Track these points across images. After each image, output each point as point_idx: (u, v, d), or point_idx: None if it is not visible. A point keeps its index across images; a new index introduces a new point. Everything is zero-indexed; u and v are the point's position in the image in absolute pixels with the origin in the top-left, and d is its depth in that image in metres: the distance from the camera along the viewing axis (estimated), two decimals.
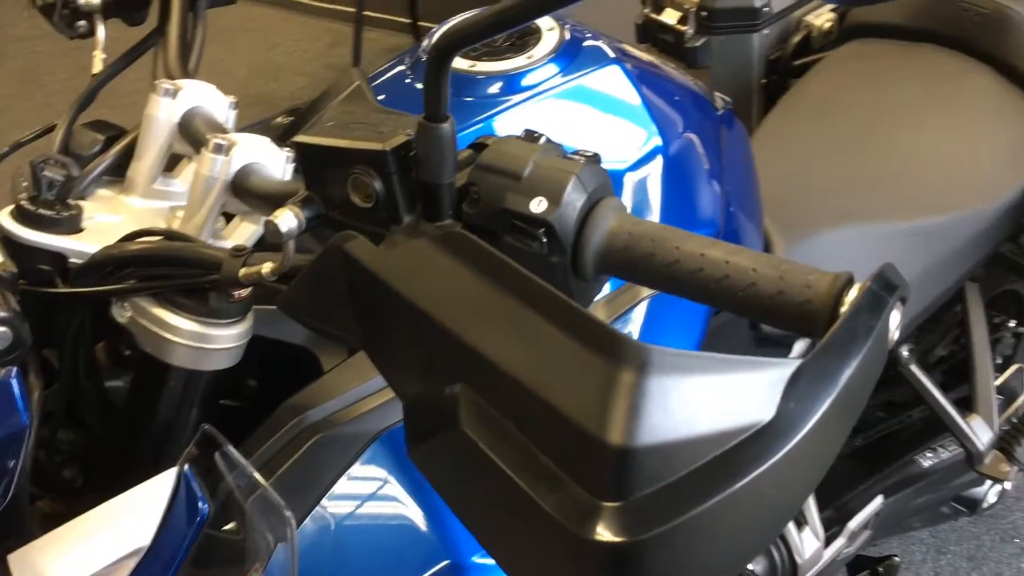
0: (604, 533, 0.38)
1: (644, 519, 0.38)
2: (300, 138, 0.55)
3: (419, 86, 0.82)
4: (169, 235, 0.64)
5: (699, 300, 0.49)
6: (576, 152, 0.52)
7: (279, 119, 0.84)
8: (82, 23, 0.82)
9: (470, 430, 0.42)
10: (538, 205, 0.49)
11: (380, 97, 0.72)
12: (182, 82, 0.72)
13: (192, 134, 0.71)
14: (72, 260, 0.65)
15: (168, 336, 0.62)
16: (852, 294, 0.44)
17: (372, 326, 0.50)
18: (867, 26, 1.34)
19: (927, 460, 1.38)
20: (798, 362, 0.41)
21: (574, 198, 0.49)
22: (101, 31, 0.81)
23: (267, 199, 0.63)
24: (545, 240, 0.49)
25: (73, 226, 0.65)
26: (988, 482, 1.47)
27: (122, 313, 0.64)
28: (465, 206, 0.52)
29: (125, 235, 0.64)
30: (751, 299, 0.46)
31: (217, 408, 0.70)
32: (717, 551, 0.40)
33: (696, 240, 0.49)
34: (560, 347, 0.41)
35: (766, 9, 1.40)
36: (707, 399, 0.39)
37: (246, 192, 0.65)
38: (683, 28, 1.42)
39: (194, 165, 0.70)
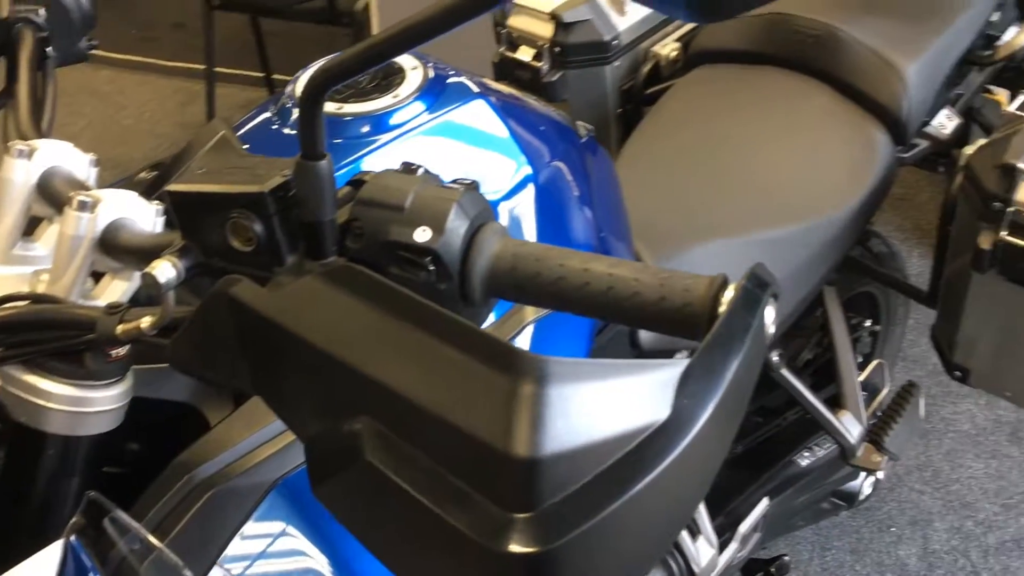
0: (517, 545, 0.39)
1: (555, 527, 0.39)
2: (173, 187, 0.54)
3: (286, 131, 0.82)
4: (36, 298, 0.61)
5: (586, 314, 0.50)
6: (455, 181, 0.53)
7: (142, 174, 0.82)
8: None
9: (376, 460, 0.42)
10: (422, 234, 0.50)
11: (246, 146, 0.71)
12: (37, 142, 0.70)
13: (52, 195, 0.68)
14: None
15: (42, 403, 0.59)
16: (728, 294, 0.47)
17: (264, 369, 0.49)
18: (710, 52, 1.41)
19: (805, 460, 1.44)
20: (686, 362, 0.43)
21: (457, 225, 0.50)
22: None
23: (140, 253, 0.61)
24: (432, 268, 0.50)
25: None
26: (863, 475, 1.55)
27: None
28: (348, 242, 0.52)
29: None
30: (636, 308, 0.48)
31: (100, 475, 0.68)
32: (626, 550, 0.42)
33: (579, 256, 0.51)
34: (459, 367, 0.41)
35: (615, 42, 1.46)
36: (605, 404, 0.40)
37: (117, 248, 0.63)
38: (538, 64, 1.46)
39: (56, 226, 0.67)
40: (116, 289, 0.67)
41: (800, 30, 1.33)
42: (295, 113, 0.82)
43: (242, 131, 0.84)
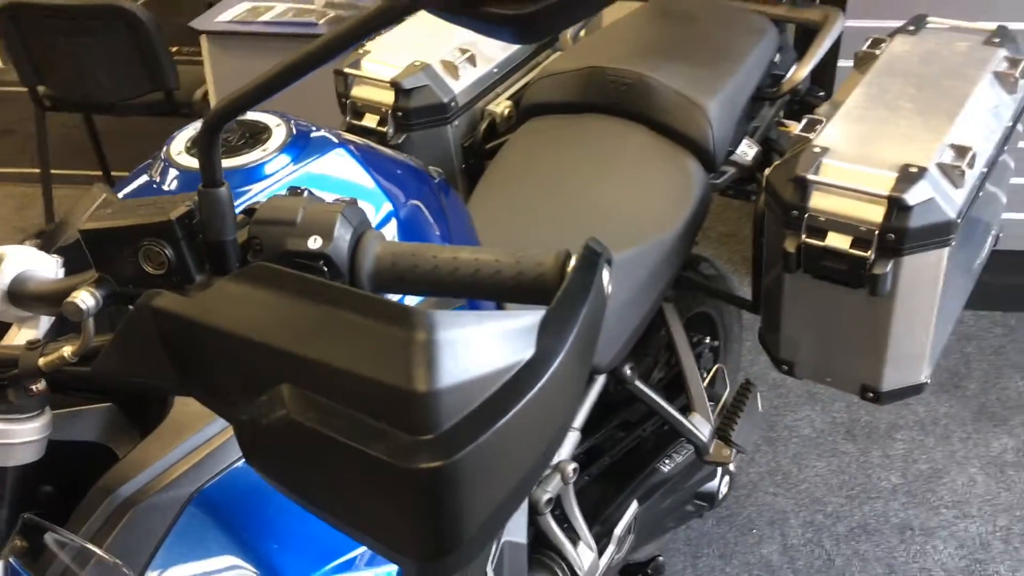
0: (427, 462, 0.48)
1: (455, 444, 0.48)
2: (86, 226, 0.61)
3: (165, 188, 0.90)
4: None
5: (459, 294, 0.60)
6: (336, 199, 0.62)
7: (28, 241, 0.88)
8: None
9: (300, 417, 0.51)
10: (314, 242, 0.59)
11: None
12: None
13: None
14: None
15: None
16: (572, 263, 0.58)
17: (190, 367, 0.57)
18: (538, 106, 1.56)
19: (666, 465, 1.57)
20: (543, 311, 0.53)
21: (343, 232, 0.60)
22: None
23: (50, 298, 0.67)
24: (326, 270, 0.59)
25: None
26: (719, 477, 1.69)
27: None
28: (249, 257, 0.61)
29: None
30: (498, 284, 0.59)
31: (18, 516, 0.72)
32: (513, 462, 0.51)
33: (447, 249, 0.61)
34: (360, 328, 0.51)
35: (453, 104, 1.59)
36: (483, 345, 0.50)
37: (26, 297, 0.69)
38: (384, 129, 1.58)
39: None
40: (24, 336, 0.72)
41: (614, 80, 1.50)
42: (171, 172, 0.90)
43: (122, 192, 0.91)
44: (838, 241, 1.26)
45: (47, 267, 0.72)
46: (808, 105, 1.70)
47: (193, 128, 0.97)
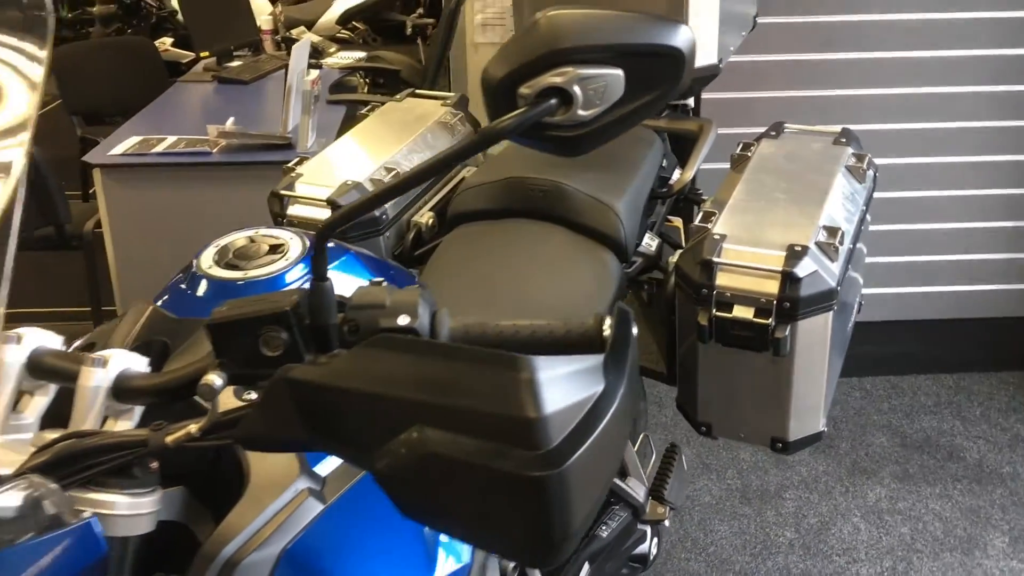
0: (545, 469, 0.63)
1: (562, 455, 0.63)
2: (215, 320, 0.74)
3: (198, 295, 1.02)
4: (78, 435, 0.77)
5: (520, 351, 0.76)
6: (407, 287, 0.78)
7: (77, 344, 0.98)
8: None
9: (435, 448, 0.64)
10: (403, 320, 0.74)
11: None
12: (22, 329, 0.85)
13: (44, 368, 0.83)
14: None
15: (105, 512, 0.74)
16: (607, 321, 0.75)
17: (323, 424, 0.69)
18: (464, 214, 1.74)
19: (604, 531, 1.73)
20: (602, 356, 0.70)
21: (423, 310, 0.75)
22: None
23: (159, 392, 0.79)
24: None
25: None
26: (649, 539, 1.85)
27: None
28: (347, 337, 0.75)
29: (33, 454, 0.76)
30: (554, 340, 0.75)
31: None
32: (598, 471, 0.67)
33: (505, 320, 0.77)
34: (478, 374, 0.65)
35: (384, 217, 1.76)
36: (570, 381, 0.66)
37: (132, 392, 0.80)
38: None
39: (38, 397, 0.83)
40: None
41: (532, 187, 1.70)
42: (203, 282, 1.02)
43: (162, 300, 1.02)
44: (743, 312, 1.48)
45: (140, 364, 0.83)
46: (691, 201, 1.96)
47: (215, 246, 1.09)
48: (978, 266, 3.01)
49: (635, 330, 0.76)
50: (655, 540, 1.85)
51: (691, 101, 2.03)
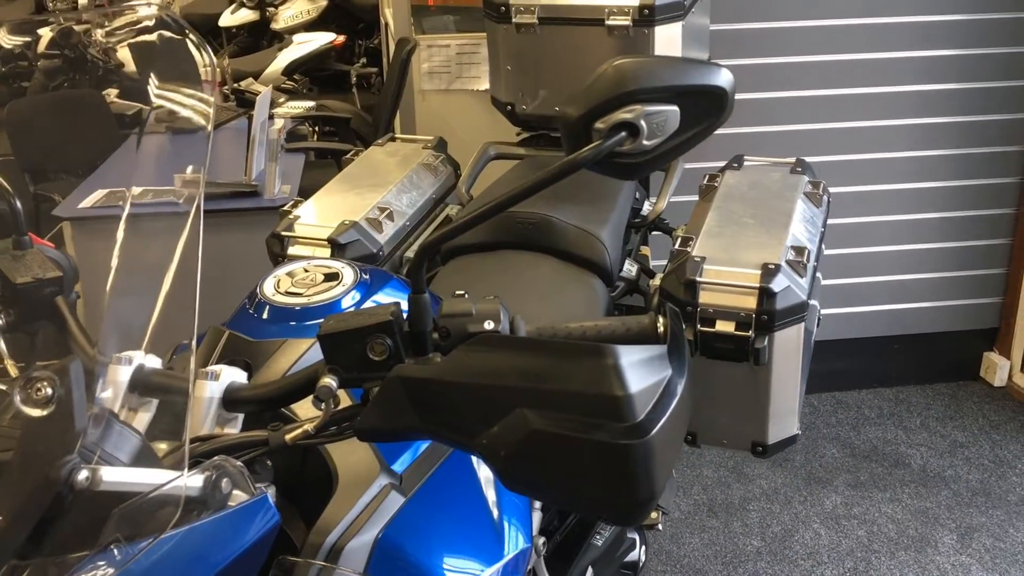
0: (635, 438, 0.75)
1: (648, 426, 0.76)
2: (326, 331, 0.85)
3: (263, 318, 1.12)
4: (204, 438, 0.86)
5: None
6: (490, 296, 0.90)
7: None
8: None
9: (539, 426, 0.76)
10: (488, 325, 0.86)
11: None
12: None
13: (151, 385, 0.93)
14: None
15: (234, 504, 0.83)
16: (660, 319, 0.88)
17: (433, 414, 0.81)
18: (457, 248, 1.86)
19: (598, 539, 1.84)
20: (665, 347, 0.83)
21: (504, 316, 0.87)
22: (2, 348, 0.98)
23: (267, 400, 0.89)
24: None
25: None
26: (638, 548, 1.97)
27: None
28: (440, 341, 0.86)
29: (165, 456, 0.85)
30: (617, 336, 0.88)
31: None
32: (673, 442, 0.79)
33: (573, 322, 0.90)
34: (570, 362, 0.77)
35: (380, 253, 1.87)
36: (644, 367, 0.79)
37: (242, 401, 0.90)
38: None
39: (142, 413, 0.93)
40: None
41: (521, 221, 1.83)
42: (266, 307, 1.13)
43: (232, 322, 1.12)
44: (725, 326, 1.63)
45: (241, 378, 0.94)
46: (659, 230, 2.12)
47: (274, 276, 1.20)
48: (909, 286, 3.23)
49: (684, 325, 0.89)
50: (643, 548, 1.97)
51: None
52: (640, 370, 0.78)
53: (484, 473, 1.09)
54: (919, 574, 2.49)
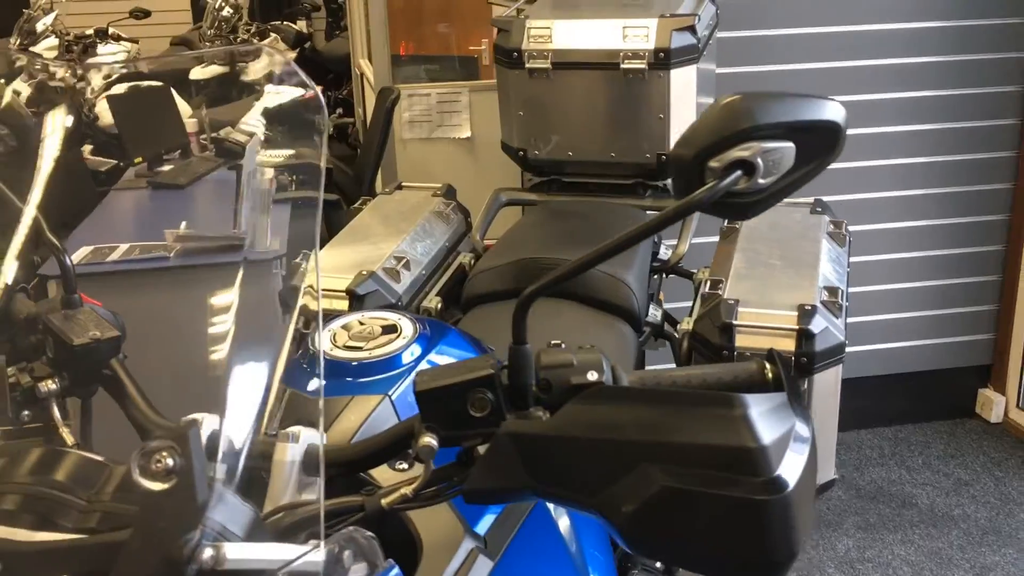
0: (772, 494, 0.70)
1: (786, 480, 0.71)
2: (423, 388, 0.79)
3: (310, 370, 1.07)
4: (284, 508, 0.80)
5: None
6: (580, 347, 0.85)
7: None
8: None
9: (669, 482, 0.71)
10: (592, 375, 0.81)
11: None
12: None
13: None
14: None
15: None
16: (768, 365, 0.84)
17: (547, 472, 0.75)
18: (480, 296, 1.81)
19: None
20: (784, 394, 0.78)
21: (607, 366, 0.82)
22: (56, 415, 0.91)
23: (354, 462, 0.84)
24: None
25: None
26: None
27: None
28: (541, 395, 0.81)
29: None
30: (727, 385, 0.83)
31: None
32: (809, 496, 0.74)
33: (675, 369, 0.85)
34: (697, 413, 0.73)
35: (399, 303, 1.81)
36: (770, 416, 0.74)
37: (328, 464, 0.84)
38: None
39: None
40: None
41: (545, 267, 1.79)
42: (321, 361, 1.07)
43: (287, 379, 1.06)
44: None
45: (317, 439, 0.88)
46: (678, 273, 2.09)
47: (329, 330, 1.14)
48: (904, 324, 3.24)
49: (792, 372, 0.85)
50: None
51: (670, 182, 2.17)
52: (769, 420, 0.74)
53: (564, 525, 1.03)
54: None
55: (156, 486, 0.64)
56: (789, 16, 2.86)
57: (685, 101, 1.95)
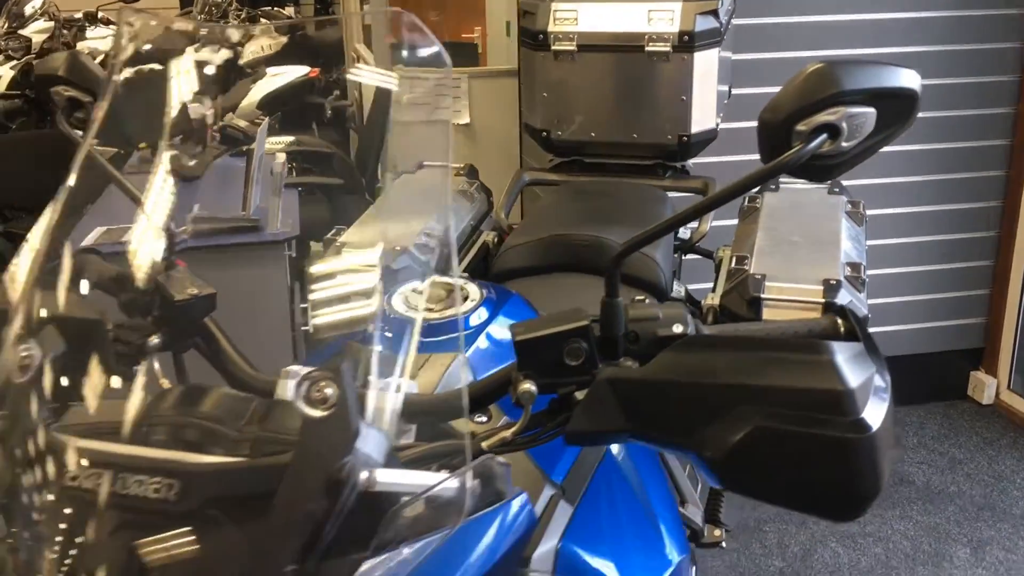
0: (860, 433, 0.75)
1: (873, 420, 0.76)
2: (521, 338, 0.84)
3: (386, 334, 1.11)
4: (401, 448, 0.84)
5: None
6: (667, 302, 0.90)
7: None
8: None
9: (764, 422, 0.76)
10: (677, 327, 0.86)
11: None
12: None
13: None
14: None
15: None
16: (840, 319, 0.89)
17: (647, 418, 0.80)
18: (510, 271, 1.86)
19: None
20: (861, 344, 0.84)
21: (690, 320, 0.87)
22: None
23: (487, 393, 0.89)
24: None
25: None
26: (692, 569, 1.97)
27: None
28: (629, 347, 0.86)
29: None
30: (802, 335, 0.89)
31: None
32: (891, 438, 0.80)
33: (750, 323, 0.90)
34: (788, 358, 0.78)
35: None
36: (856, 361, 0.79)
37: (423, 413, 0.89)
38: None
39: None
40: None
41: (575, 242, 1.84)
42: (392, 320, 1.12)
43: (364, 339, 1.10)
44: None
45: (414, 388, 0.92)
46: (698, 252, 2.14)
47: (401, 293, 1.19)
48: (898, 308, 3.32)
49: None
50: (694, 568, 1.97)
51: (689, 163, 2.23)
52: (853, 366, 0.79)
53: (635, 480, 1.08)
54: None
55: (317, 413, 0.69)
56: (796, 5, 2.93)
57: (707, 83, 2.00)
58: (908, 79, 0.84)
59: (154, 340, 0.96)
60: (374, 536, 0.68)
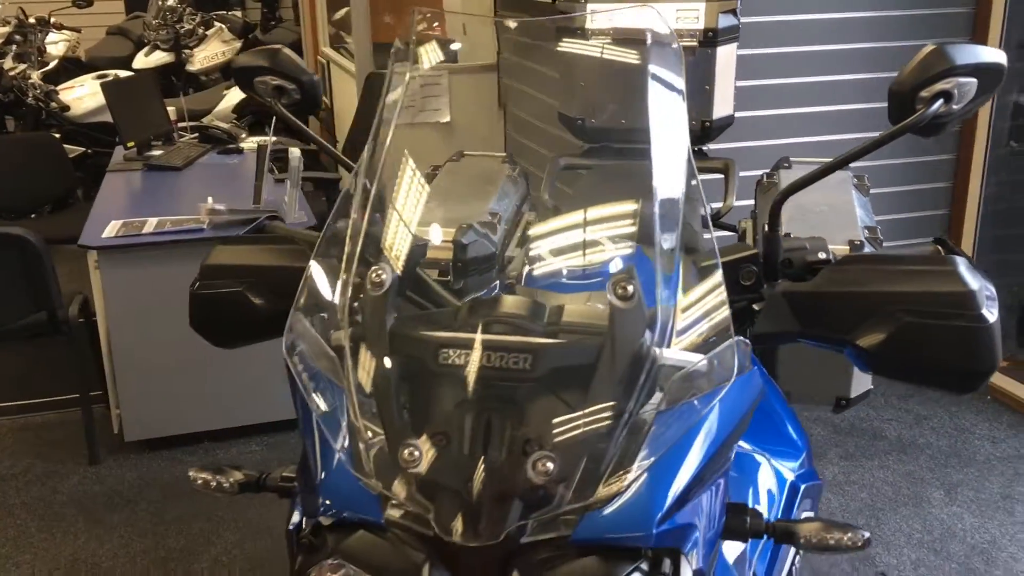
0: (984, 323, 1.00)
1: (989, 315, 1.01)
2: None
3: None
4: None
5: None
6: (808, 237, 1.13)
7: None
8: None
9: (909, 318, 1.00)
10: (822, 255, 1.10)
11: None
12: None
13: None
14: None
15: None
16: (940, 248, 1.14)
17: (815, 320, 1.03)
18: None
19: None
20: (967, 259, 1.08)
21: (828, 246, 1.11)
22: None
23: None
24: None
25: None
26: None
27: None
28: (785, 270, 1.09)
29: None
30: (911, 262, 1.13)
31: None
32: (999, 331, 1.04)
33: (864, 256, 1.15)
34: (924, 269, 1.02)
35: (497, 251, 2.06)
36: (970, 270, 1.04)
37: None
38: (447, 278, 2.00)
39: None
40: None
41: None
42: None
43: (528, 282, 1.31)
44: None
45: None
46: (721, 226, 2.39)
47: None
48: None
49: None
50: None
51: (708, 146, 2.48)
52: (970, 274, 1.04)
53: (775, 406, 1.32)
54: (923, 524, 2.84)
55: (622, 305, 0.91)
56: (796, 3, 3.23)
57: (727, 74, 2.26)
58: (999, 56, 1.09)
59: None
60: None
